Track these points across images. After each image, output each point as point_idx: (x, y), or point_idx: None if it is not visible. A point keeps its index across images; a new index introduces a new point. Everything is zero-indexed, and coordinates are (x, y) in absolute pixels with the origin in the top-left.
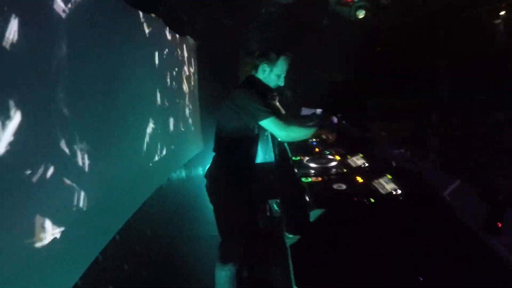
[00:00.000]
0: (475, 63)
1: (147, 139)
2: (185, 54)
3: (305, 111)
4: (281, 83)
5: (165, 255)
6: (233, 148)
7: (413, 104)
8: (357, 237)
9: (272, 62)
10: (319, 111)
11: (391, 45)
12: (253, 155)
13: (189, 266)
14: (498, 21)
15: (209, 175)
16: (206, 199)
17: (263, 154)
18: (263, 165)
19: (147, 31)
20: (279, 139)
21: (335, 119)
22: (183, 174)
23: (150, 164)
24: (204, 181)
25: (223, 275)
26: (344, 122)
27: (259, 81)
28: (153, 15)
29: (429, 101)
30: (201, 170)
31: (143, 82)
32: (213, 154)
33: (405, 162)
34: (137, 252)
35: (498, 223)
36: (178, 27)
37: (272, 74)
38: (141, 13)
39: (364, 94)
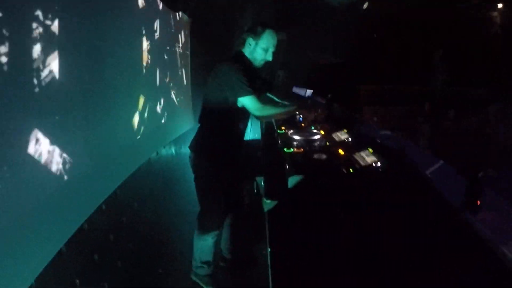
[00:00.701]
0: (470, 55)
1: (136, 110)
2: (178, 30)
3: (296, 90)
4: (269, 57)
5: (151, 228)
6: (217, 121)
7: (406, 91)
8: (334, 204)
9: (257, 35)
10: (309, 91)
11: (388, 32)
12: (239, 130)
13: (174, 239)
14: (495, 13)
15: (193, 146)
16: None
17: (254, 132)
18: (253, 142)
19: (139, 2)
20: (255, 117)
21: (306, 93)
22: (173, 149)
23: (138, 137)
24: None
25: (200, 244)
26: (335, 104)
27: (245, 58)
28: None
29: (423, 90)
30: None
31: (134, 53)
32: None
33: (389, 141)
34: (124, 223)
35: (477, 201)
36: (172, 2)
37: (258, 48)
38: None
39: (357, 79)
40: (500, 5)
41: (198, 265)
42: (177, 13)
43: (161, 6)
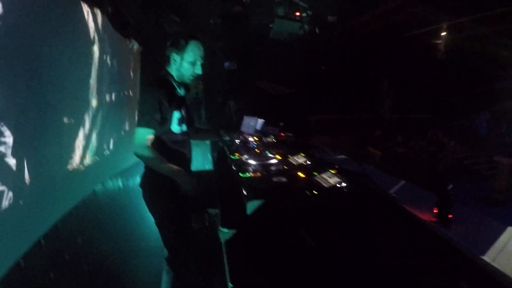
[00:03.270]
0: (416, 82)
1: (79, 139)
2: (128, 57)
3: (247, 120)
4: (198, 71)
5: (98, 265)
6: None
7: (354, 120)
8: (298, 229)
9: (181, 49)
10: (261, 121)
11: (336, 62)
12: (178, 159)
13: (123, 278)
14: (439, 41)
15: (141, 183)
16: (144, 208)
17: (203, 162)
18: (203, 173)
19: (89, 26)
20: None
21: (258, 123)
22: (120, 181)
23: (81, 166)
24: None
25: (167, 278)
26: (288, 133)
27: (170, 77)
28: (97, 10)
29: (371, 118)
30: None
31: (78, 79)
32: None
33: (347, 164)
34: (66, 260)
35: (449, 215)
36: (123, 28)
37: (184, 62)
38: (85, 5)
39: (307, 109)
40: (443, 33)
41: None
42: (127, 40)
43: (111, 29)
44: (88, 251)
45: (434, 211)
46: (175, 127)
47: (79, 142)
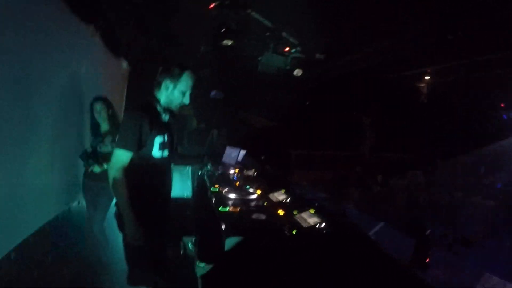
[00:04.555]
0: (397, 122)
1: (57, 154)
2: (116, 76)
3: (229, 150)
4: (186, 101)
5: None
6: (133, 176)
7: (335, 157)
8: (276, 269)
9: (175, 78)
10: (243, 152)
11: (321, 98)
12: (158, 185)
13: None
14: (423, 84)
15: (116, 204)
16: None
17: (182, 189)
18: (180, 200)
19: (80, 41)
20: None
21: (240, 154)
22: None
23: (57, 182)
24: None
25: None
26: (268, 166)
27: (156, 103)
28: (90, 27)
29: (352, 155)
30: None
31: (64, 92)
32: None
33: (327, 203)
34: (34, 277)
35: (427, 258)
36: (114, 47)
37: (175, 91)
38: (80, 23)
39: (289, 143)
40: (427, 77)
41: None
42: (117, 59)
43: (102, 47)
44: (57, 269)
45: (412, 254)
46: (156, 152)
47: (58, 157)
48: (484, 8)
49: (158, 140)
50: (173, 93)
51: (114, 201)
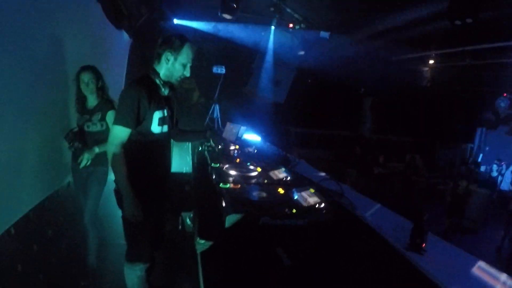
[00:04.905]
0: (398, 105)
1: (56, 129)
2: (117, 49)
3: (230, 126)
4: (187, 73)
5: (68, 259)
6: (131, 152)
7: (335, 136)
8: (274, 246)
9: (176, 49)
10: (243, 128)
11: (323, 77)
12: (162, 161)
13: (92, 273)
14: (426, 68)
15: (115, 179)
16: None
17: (181, 164)
18: (180, 175)
19: (82, 14)
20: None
21: (240, 130)
22: None
23: (56, 156)
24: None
25: (131, 276)
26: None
27: (155, 76)
28: None
29: (351, 136)
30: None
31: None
32: None
33: (326, 182)
34: (34, 251)
35: (423, 243)
36: (116, 19)
37: (176, 63)
38: None
39: (289, 120)
40: (431, 62)
41: None
42: (119, 31)
43: (104, 19)
44: (56, 243)
45: (409, 238)
46: (155, 127)
47: (57, 132)
48: None
49: (157, 115)
50: (174, 65)
51: (115, 186)
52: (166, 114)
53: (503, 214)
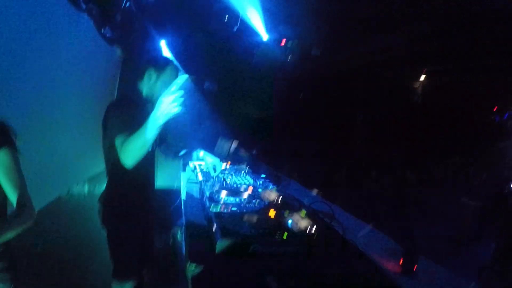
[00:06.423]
0: (391, 120)
1: (44, 139)
2: (108, 63)
3: (221, 142)
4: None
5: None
6: (116, 170)
7: (328, 151)
8: (266, 272)
9: (160, 67)
10: (235, 143)
11: (315, 92)
12: (143, 178)
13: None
14: (417, 85)
15: (101, 197)
16: None
17: (172, 179)
18: (170, 191)
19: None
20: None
21: (232, 146)
22: (86, 188)
23: (45, 170)
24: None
25: None
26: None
27: (135, 94)
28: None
29: (344, 151)
30: None
31: (57, 79)
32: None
33: (317, 203)
34: (23, 266)
35: (414, 266)
36: (109, 33)
37: (159, 82)
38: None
39: (281, 134)
40: (422, 78)
41: None
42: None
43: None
44: (47, 259)
45: (400, 261)
46: None
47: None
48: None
49: None
50: (156, 83)
51: (98, 206)
52: None
53: None
